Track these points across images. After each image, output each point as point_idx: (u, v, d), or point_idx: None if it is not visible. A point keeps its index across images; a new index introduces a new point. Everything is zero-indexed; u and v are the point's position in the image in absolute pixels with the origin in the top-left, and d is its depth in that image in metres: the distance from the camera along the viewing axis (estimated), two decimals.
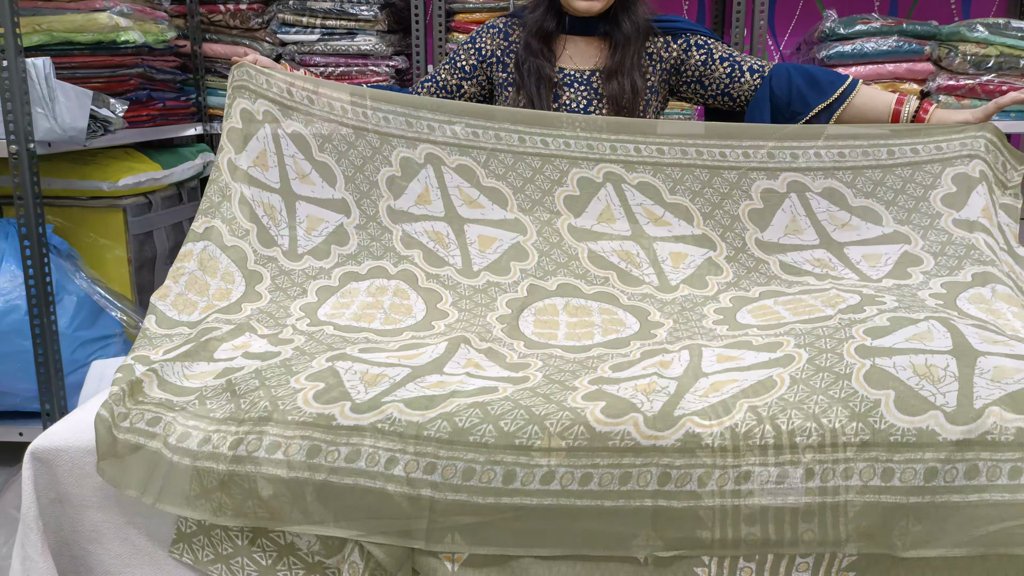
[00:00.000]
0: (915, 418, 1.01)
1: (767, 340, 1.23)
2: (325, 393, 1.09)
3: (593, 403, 1.06)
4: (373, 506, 1.02)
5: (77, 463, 1.09)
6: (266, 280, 1.42)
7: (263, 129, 1.53)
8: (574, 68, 1.79)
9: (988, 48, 2.35)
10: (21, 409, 2.03)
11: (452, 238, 1.52)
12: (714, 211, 1.53)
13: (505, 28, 1.84)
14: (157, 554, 1.11)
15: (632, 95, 1.74)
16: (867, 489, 1.00)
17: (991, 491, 0.99)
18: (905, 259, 1.44)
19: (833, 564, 1.02)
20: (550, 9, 1.76)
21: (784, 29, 2.84)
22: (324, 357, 1.19)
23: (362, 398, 1.08)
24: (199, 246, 1.41)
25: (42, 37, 1.98)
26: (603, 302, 1.44)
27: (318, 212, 1.53)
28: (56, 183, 2.12)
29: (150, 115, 2.35)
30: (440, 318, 1.39)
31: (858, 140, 1.54)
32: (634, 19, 1.74)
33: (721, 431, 1.01)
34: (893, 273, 1.43)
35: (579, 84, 1.78)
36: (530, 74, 1.76)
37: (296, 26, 2.55)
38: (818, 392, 1.07)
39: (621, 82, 1.73)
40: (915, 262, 1.43)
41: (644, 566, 1.04)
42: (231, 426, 1.06)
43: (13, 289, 1.90)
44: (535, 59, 1.76)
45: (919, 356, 1.08)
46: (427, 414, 1.04)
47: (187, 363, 1.19)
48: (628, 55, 1.74)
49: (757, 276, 1.48)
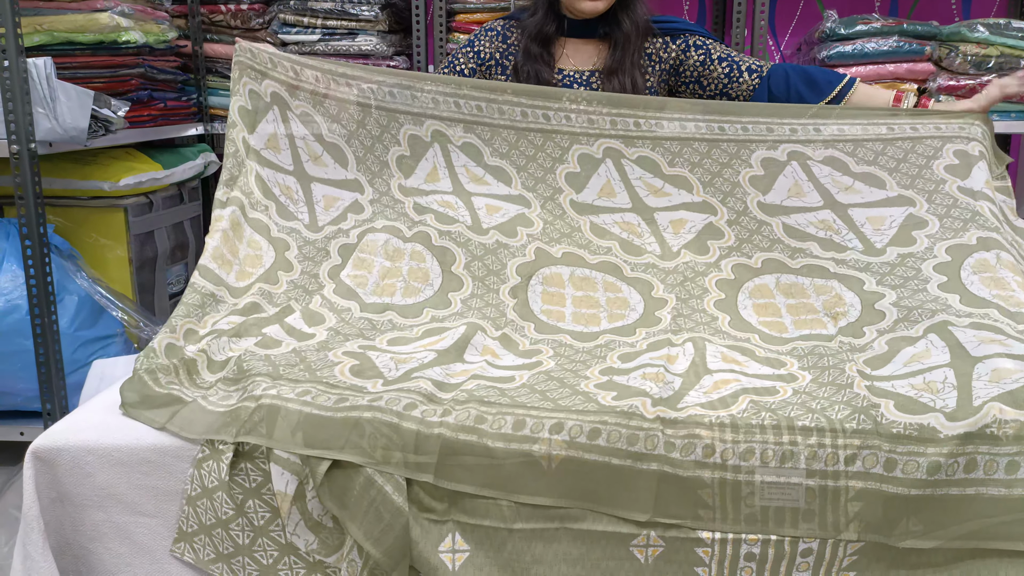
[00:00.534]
0: (916, 416, 1.02)
1: (770, 355, 1.26)
2: (360, 371, 1.17)
3: (605, 391, 1.12)
4: (388, 437, 1.05)
5: (78, 462, 1.09)
6: (293, 248, 1.48)
7: (272, 112, 1.54)
8: (574, 69, 1.79)
9: (989, 48, 2.35)
10: (22, 409, 2.03)
11: (461, 204, 1.55)
12: (714, 179, 1.54)
13: (503, 31, 1.84)
14: (158, 553, 1.11)
15: (632, 94, 1.74)
16: (869, 476, 1.00)
17: (988, 485, 0.99)
18: (910, 222, 1.44)
19: (833, 564, 1.03)
20: (549, 12, 1.76)
21: (785, 29, 2.84)
22: (356, 344, 1.28)
23: (394, 375, 1.16)
24: (227, 211, 1.44)
25: (43, 37, 1.98)
26: (607, 273, 1.47)
27: (333, 192, 1.56)
28: (57, 183, 2.12)
29: (151, 115, 2.35)
30: (456, 289, 1.44)
31: (857, 119, 1.55)
32: (633, 18, 1.74)
33: (725, 415, 1.05)
34: (898, 238, 1.42)
35: (579, 85, 1.78)
36: (528, 79, 1.76)
37: (297, 26, 2.55)
38: (820, 397, 1.09)
39: (622, 80, 1.74)
40: (920, 224, 1.43)
41: (645, 566, 1.04)
42: (267, 379, 1.14)
43: (14, 289, 1.91)
44: (534, 64, 1.76)
45: (917, 377, 1.11)
46: (449, 389, 1.12)
47: (234, 339, 1.27)
48: (628, 54, 1.74)
49: (760, 240, 1.48)
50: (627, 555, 1.04)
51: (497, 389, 1.13)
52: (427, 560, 1.04)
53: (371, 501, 1.04)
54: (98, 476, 1.09)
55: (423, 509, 1.05)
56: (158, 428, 1.11)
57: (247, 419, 1.08)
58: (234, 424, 1.08)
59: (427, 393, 1.10)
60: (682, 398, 1.08)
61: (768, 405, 1.07)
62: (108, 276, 2.16)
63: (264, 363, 1.19)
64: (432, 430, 1.05)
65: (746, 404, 1.07)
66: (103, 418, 1.13)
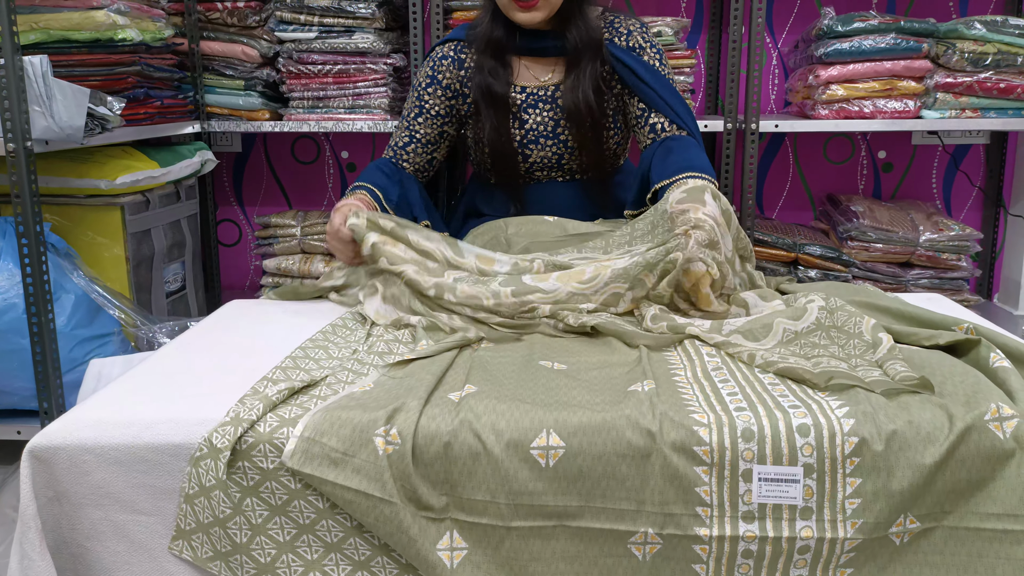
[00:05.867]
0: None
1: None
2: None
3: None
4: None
5: (75, 461, 1.09)
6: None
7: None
8: (537, 86, 1.73)
9: (986, 45, 2.35)
10: (19, 407, 2.03)
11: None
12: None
13: (456, 55, 1.78)
14: (156, 551, 1.11)
15: (596, 112, 1.68)
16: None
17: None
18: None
19: (831, 561, 1.03)
20: (496, 19, 1.69)
21: (782, 27, 2.84)
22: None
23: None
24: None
25: (39, 35, 1.97)
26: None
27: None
28: (53, 181, 2.12)
29: (148, 113, 2.35)
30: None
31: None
32: (583, 31, 1.67)
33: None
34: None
35: (543, 103, 1.72)
36: (484, 97, 1.70)
37: (294, 24, 2.54)
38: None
39: (577, 100, 1.68)
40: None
41: (643, 563, 1.04)
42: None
43: (11, 288, 1.90)
44: (487, 78, 1.69)
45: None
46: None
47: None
48: (582, 70, 1.68)
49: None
50: (625, 552, 1.04)
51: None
52: (425, 558, 1.04)
53: None
54: (95, 475, 1.09)
55: (421, 507, 1.05)
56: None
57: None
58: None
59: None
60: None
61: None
62: (105, 274, 2.16)
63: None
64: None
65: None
66: (100, 417, 1.13)
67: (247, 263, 3.11)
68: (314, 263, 2.75)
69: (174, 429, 1.10)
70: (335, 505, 1.06)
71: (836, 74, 2.41)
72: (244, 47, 2.59)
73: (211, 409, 1.12)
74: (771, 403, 1.07)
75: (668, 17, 2.51)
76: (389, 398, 1.12)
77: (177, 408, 1.15)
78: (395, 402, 1.09)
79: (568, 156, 1.75)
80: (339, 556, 1.09)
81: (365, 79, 2.55)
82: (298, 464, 1.04)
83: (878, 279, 2.54)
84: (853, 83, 2.42)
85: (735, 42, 2.46)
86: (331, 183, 3.03)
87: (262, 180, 3.04)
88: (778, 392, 1.11)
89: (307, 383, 1.19)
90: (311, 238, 2.75)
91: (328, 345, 1.36)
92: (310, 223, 2.77)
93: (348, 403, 1.11)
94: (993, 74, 2.38)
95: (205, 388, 1.22)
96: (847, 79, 2.42)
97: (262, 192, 3.05)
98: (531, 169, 1.77)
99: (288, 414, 1.10)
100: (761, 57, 2.42)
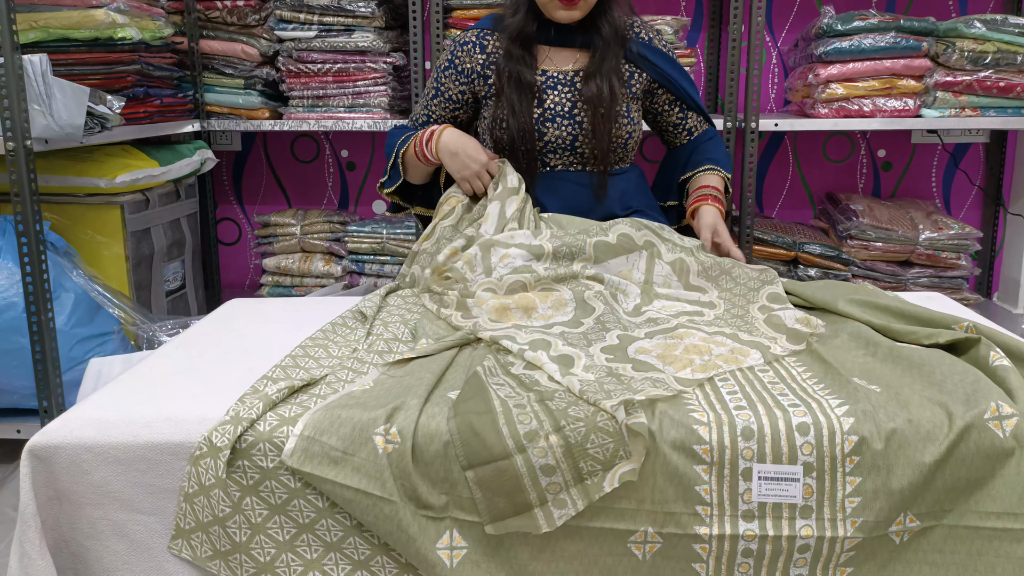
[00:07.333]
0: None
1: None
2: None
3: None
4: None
5: (75, 460, 1.09)
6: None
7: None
8: (556, 70, 1.80)
9: (985, 44, 2.35)
10: (19, 406, 2.03)
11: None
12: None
13: (479, 40, 1.84)
14: (156, 550, 1.11)
15: (610, 98, 1.76)
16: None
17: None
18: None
19: (831, 559, 1.03)
20: (530, 13, 1.77)
21: (782, 25, 2.84)
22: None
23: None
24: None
25: (39, 34, 1.97)
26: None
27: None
28: (53, 180, 2.12)
29: (147, 112, 2.35)
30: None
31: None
32: (611, 25, 1.77)
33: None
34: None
35: (562, 86, 1.79)
36: (510, 81, 1.77)
37: (293, 23, 2.54)
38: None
39: (599, 84, 1.76)
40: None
41: (642, 562, 1.04)
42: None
43: (10, 286, 1.90)
44: (516, 65, 1.77)
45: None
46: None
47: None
48: (607, 59, 1.77)
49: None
50: (625, 551, 1.04)
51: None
52: (425, 557, 1.04)
53: None
54: (95, 474, 1.09)
55: (420, 506, 1.05)
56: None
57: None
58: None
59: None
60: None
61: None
62: (104, 273, 2.16)
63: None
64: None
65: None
66: (100, 415, 1.13)
67: (247, 262, 3.11)
68: (314, 262, 2.76)
69: (174, 428, 1.09)
70: (335, 504, 1.06)
71: (836, 73, 2.41)
72: (244, 46, 2.59)
73: (211, 408, 1.12)
74: (771, 402, 1.07)
75: (668, 16, 2.51)
76: (389, 397, 1.12)
77: (177, 407, 1.15)
78: (395, 401, 1.09)
79: (582, 139, 1.79)
80: (339, 555, 1.09)
81: (365, 78, 2.55)
82: (298, 463, 1.04)
83: (878, 278, 2.54)
84: (853, 82, 2.42)
85: (735, 41, 2.46)
86: (331, 182, 3.02)
87: (262, 179, 3.04)
88: (778, 391, 1.11)
89: (307, 382, 1.19)
90: (311, 236, 2.75)
91: (328, 344, 1.36)
92: (309, 222, 2.77)
93: (348, 402, 1.11)
94: (993, 73, 2.38)
95: (205, 387, 1.22)
96: (847, 78, 2.42)
97: (262, 191, 3.05)
98: (544, 150, 1.80)
99: (288, 413, 1.10)
100: (761, 56, 2.42)
